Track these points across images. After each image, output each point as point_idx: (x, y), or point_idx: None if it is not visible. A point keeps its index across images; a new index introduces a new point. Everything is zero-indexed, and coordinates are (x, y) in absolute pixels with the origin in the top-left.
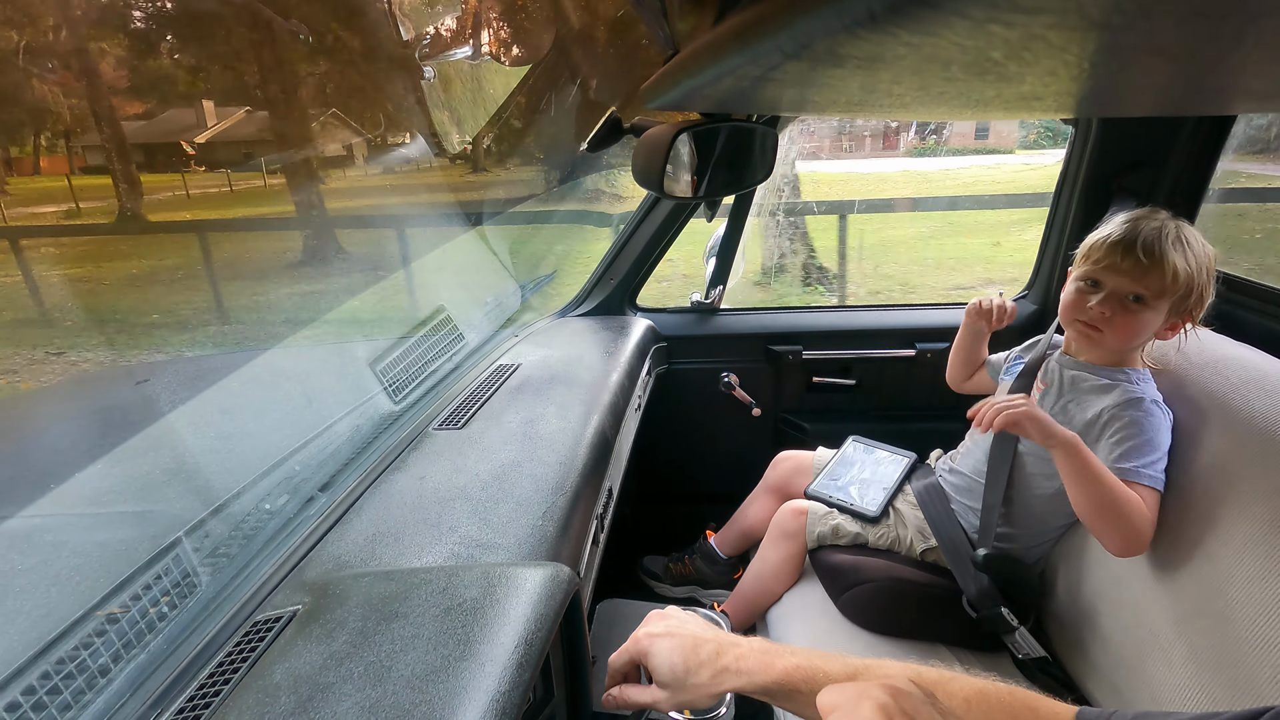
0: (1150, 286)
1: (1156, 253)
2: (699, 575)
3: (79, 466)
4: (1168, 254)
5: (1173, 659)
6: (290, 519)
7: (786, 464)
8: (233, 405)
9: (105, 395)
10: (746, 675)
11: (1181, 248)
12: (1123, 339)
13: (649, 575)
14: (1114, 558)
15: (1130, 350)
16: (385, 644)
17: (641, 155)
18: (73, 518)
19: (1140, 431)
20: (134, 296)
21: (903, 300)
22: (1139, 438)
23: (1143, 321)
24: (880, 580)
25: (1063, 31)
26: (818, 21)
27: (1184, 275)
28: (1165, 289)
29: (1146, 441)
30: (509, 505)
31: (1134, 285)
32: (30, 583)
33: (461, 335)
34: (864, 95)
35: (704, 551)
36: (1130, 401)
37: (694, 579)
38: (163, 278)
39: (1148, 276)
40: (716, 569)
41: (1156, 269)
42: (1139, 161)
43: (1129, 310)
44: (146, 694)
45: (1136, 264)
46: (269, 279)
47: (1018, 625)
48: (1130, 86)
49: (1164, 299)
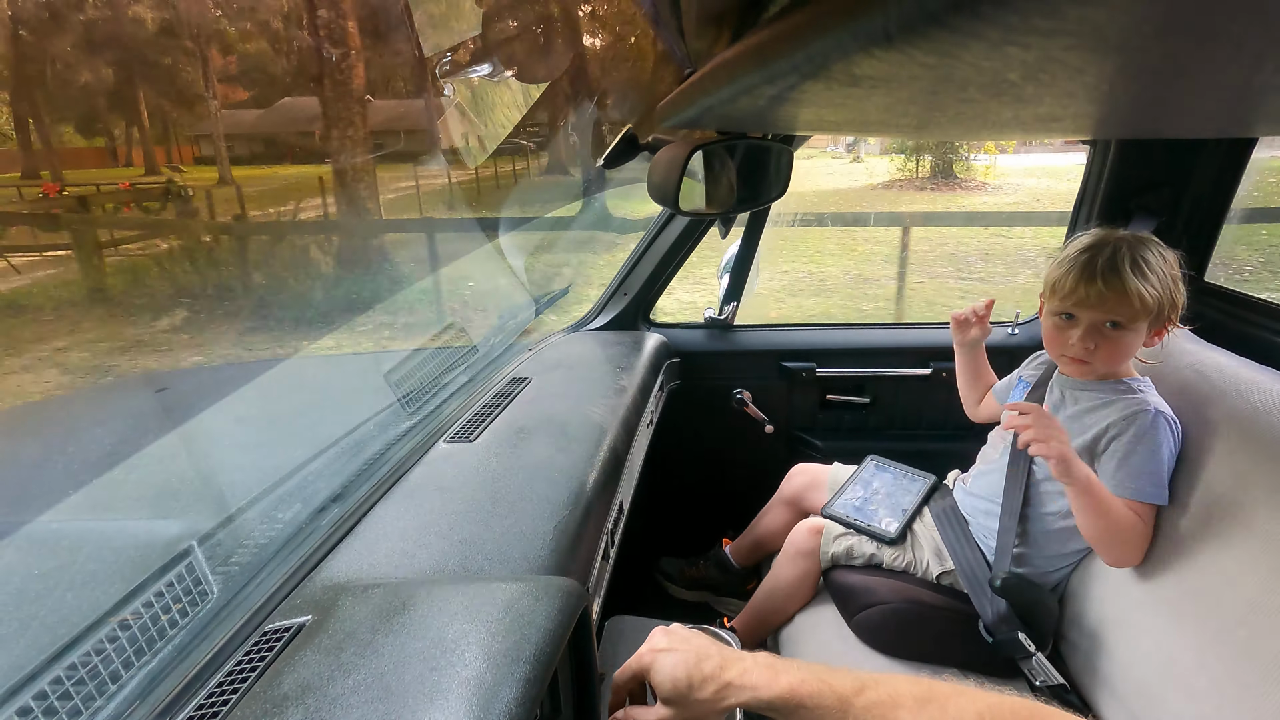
0: (1122, 313)
1: (1119, 283)
2: (711, 581)
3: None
4: (1129, 283)
5: (1195, 689)
6: (302, 528)
7: (802, 477)
8: (249, 414)
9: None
10: (751, 690)
11: (1141, 271)
12: (1111, 363)
13: (664, 575)
14: (1134, 584)
15: (1120, 367)
16: (394, 656)
17: (657, 172)
18: (90, 523)
19: (1142, 447)
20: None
21: (918, 319)
22: (1140, 454)
23: (1126, 343)
24: (894, 602)
25: (1080, 53)
26: (834, 42)
27: (1152, 298)
28: (1137, 313)
29: (1148, 457)
30: (519, 519)
31: (1108, 314)
32: (47, 587)
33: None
34: (880, 115)
35: (718, 559)
36: (1133, 415)
37: (706, 584)
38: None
39: (1119, 305)
40: (729, 578)
41: (1124, 298)
42: (1158, 181)
43: (1109, 337)
44: (156, 701)
45: (1102, 296)
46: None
47: (1035, 651)
48: (1149, 109)
49: (1139, 320)
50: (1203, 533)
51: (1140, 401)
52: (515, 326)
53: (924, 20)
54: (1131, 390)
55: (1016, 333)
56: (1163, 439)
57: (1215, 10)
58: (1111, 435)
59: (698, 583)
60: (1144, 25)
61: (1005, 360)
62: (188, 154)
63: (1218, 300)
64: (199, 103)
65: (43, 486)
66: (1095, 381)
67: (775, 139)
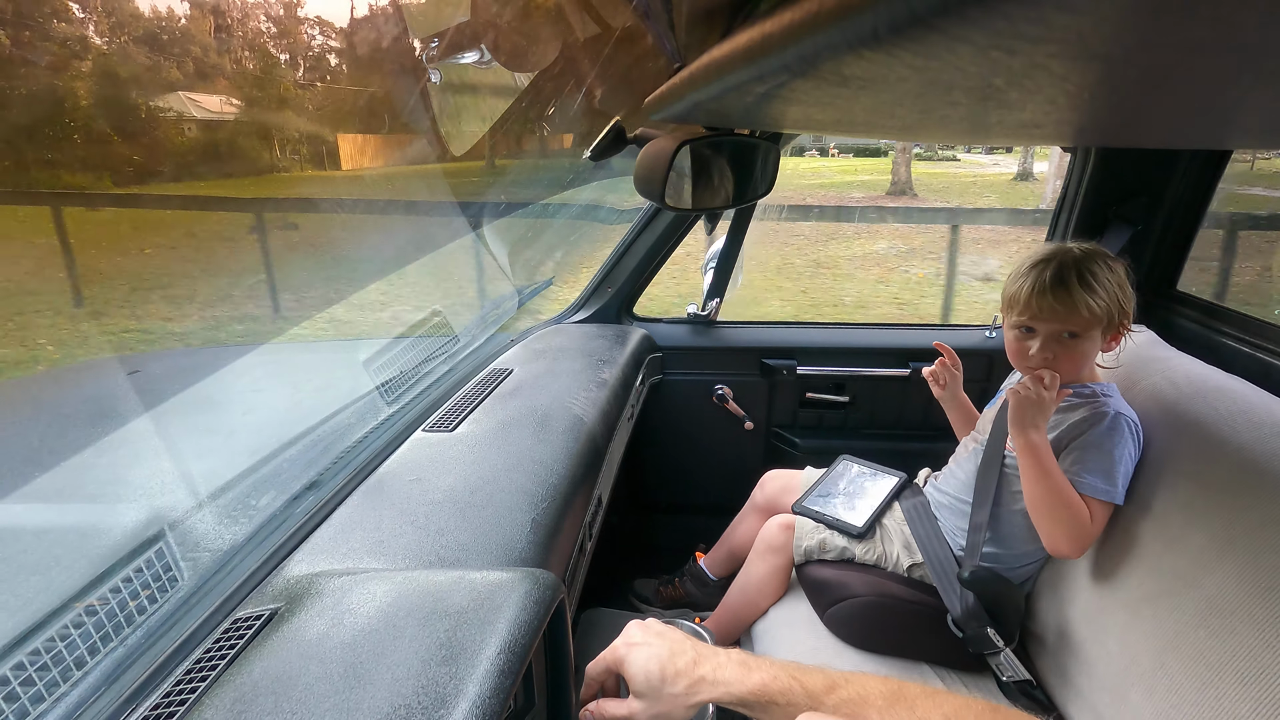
0: (1077, 324)
1: (1068, 297)
2: (689, 598)
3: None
4: (1078, 297)
5: (1154, 687)
6: (275, 516)
7: (774, 483)
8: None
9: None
10: (723, 686)
11: (1088, 283)
12: (1071, 371)
13: (640, 599)
14: (1099, 584)
15: (1083, 371)
16: (366, 646)
17: (644, 166)
18: (56, 507)
19: (1098, 448)
20: None
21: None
22: (1096, 454)
23: (1082, 351)
24: (867, 596)
25: (1064, 61)
26: (824, 40)
27: (1101, 308)
28: (1090, 322)
29: (1104, 457)
30: (496, 510)
31: (1063, 325)
32: (9, 571)
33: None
34: (867, 116)
35: (694, 574)
36: (1094, 417)
37: (685, 602)
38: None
39: (1072, 316)
40: (706, 591)
41: (1075, 311)
42: (1136, 190)
43: (1067, 346)
44: (122, 689)
45: (1055, 310)
46: None
47: (1003, 646)
48: (1129, 118)
49: (1093, 329)
50: (1165, 535)
51: (1101, 403)
52: (497, 318)
53: (912, 23)
54: (1095, 395)
55: (994, 335)
56: (1119, 440)
57: (1195, 23)
58: (1072, 435)
59: (675, 602)
60: (1126, 35)
61: (984, 362)
62: None
63: (1190, 309)
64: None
65: (6, 467)
66: (1074, 384)
67: (763, 137)
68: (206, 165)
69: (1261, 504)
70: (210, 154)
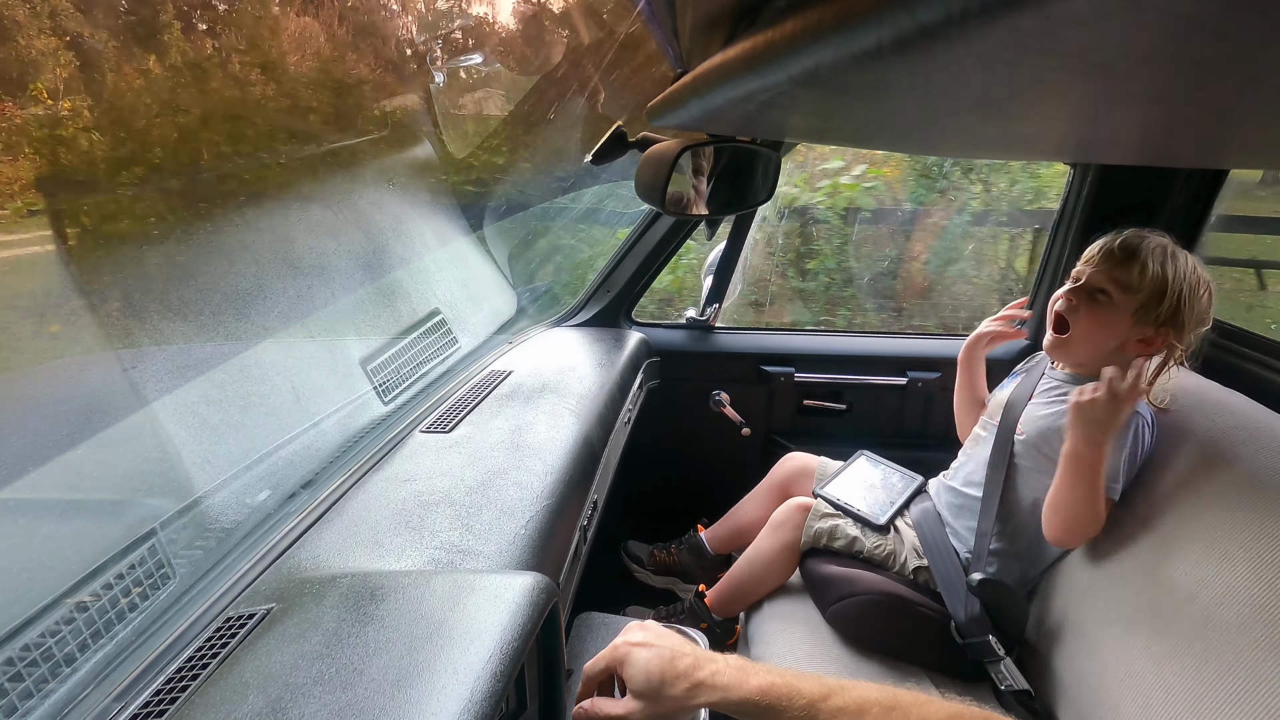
0: (1119, 279)
1: (1133, 252)
2: (682, 567)
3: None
4: (1143, 253)
5: (1150, 701)
6: (270, 514)
7: (792, 464)
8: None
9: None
10: (721, 690)
11: (1162, 256)
12: (1085, 331)
13: (632, 559)
14: (1097, 595)
15: (1099, 355)
16: (358, 647)
17: (645, 170)
18: (49, 503)
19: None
20: None
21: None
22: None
23: (1103, 317)
24: (872, 594)
25: (1066, 74)
26: (827, 50)
27: (1152, 275)
28: (1132, 284)
29: (1114, 453)
30: (492, 512)
31: (1104, 280)
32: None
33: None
34: (869, 126)
35: (692, 544)
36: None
37: (677, 570)
38: None
39: (1118, 270)
40: (702, 564)
41: (1128, 264)
42: (1135, 205)
43: (1094, 303)
44: (111, 686)
45: (1110, 257)
46: None
47: (1003, 655)
48: (1127, 135)
49: (1130, 295)
50: (1162, 548)
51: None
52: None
53: (917, 34)
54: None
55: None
56: (1129, 437)
57: (1198, 39)
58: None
59: (667, 568)
60: (1129, 49)
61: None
62: None
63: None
64: None
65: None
66: (1082, 376)
67: (764, 144)
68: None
69: (1259, 518)
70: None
